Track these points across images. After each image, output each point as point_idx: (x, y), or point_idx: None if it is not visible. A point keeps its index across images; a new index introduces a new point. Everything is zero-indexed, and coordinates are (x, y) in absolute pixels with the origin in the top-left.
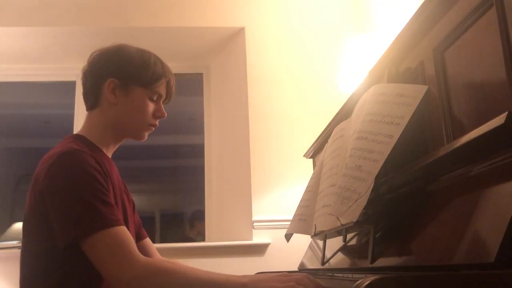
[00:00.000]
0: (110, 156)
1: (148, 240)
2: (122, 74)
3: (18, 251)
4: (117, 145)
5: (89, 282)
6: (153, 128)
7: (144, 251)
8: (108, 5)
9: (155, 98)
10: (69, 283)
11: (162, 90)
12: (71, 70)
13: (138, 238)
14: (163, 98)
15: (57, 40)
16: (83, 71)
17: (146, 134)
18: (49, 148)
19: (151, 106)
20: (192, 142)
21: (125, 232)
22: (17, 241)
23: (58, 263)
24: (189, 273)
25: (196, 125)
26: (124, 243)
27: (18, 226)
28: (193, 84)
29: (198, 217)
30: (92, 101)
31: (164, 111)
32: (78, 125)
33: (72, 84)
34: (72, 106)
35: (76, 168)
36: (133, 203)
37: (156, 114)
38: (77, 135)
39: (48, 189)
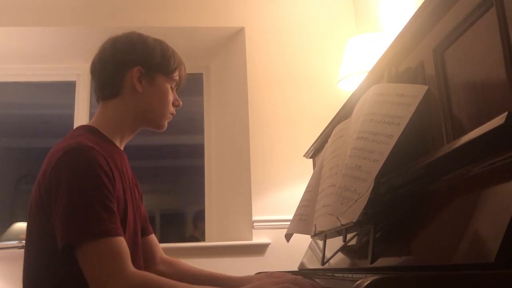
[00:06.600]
0: (122, 148)
1: (153, 237)
2: (148, 63)
3: (18, 251)
4: (132, 136)
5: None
6: (172, 117)
7: (148, 247)
8: (108, 5)
9: (173, 86)
10: (70, 285)
11: (177, 78)
12: (71, 70)
13: (144, 233)
14: (177, 87)
15: (57, 40)
16: (98, 58)
17: (166, 123)
18: (49, 148)
19: (171, 95)
20: (192, 142)
21: (122, 243)
22: (17, 241)
23: (59, 264)
24: (177, 286)
25: (196, 125)
26: (119, 255)
27: (18, 226)
28: (193, 84)
29: (201, 217)
30: (111, 90)
31: (179, 99)
32: (78, 125)
33: (72, 84)
34: (72, 106)
35: (84, 167)
36: (141, 196)
37: (175, 103)
38: (89, 126)
39: (53, 186)
